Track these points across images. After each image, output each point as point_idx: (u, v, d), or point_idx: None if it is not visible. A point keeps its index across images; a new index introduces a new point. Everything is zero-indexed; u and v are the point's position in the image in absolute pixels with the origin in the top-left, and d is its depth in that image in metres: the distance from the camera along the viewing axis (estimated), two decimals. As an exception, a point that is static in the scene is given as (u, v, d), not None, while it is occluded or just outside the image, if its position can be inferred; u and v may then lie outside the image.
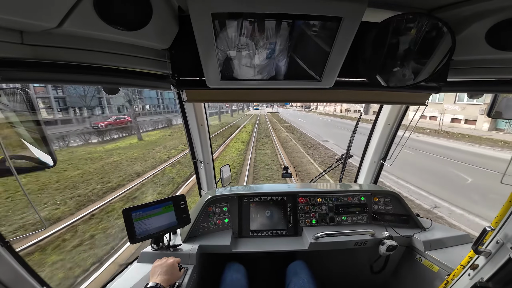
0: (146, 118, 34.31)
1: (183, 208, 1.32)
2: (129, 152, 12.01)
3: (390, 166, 1.86)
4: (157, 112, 46.23)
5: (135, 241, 1.15)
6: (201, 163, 1.90)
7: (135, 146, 14.09)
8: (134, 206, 1.16)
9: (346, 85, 0.95)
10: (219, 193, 1.59)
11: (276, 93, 1.00)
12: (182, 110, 1.61)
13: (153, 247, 1.31)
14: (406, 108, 1.67)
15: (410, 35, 0.70)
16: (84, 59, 0.68)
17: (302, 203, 1.60)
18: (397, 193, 1.62)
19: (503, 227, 0.84)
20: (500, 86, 0.97)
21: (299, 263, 1.40)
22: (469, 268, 0.94)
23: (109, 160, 10.40)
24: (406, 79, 0.79)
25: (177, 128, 23.56)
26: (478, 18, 0.63)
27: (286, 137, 16.07)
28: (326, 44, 0.71)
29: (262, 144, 13.36)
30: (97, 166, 9.32)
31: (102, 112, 33.61)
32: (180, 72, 0.86)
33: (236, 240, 1.48)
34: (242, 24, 0.66)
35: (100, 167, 9.23)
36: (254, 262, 1.77)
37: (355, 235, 1.41)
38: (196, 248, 1.32)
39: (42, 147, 0.77)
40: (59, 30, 0.55)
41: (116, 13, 0.55)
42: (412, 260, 1.49)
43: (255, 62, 0.77)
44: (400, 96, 1.10)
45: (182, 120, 1.68)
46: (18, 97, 0.69)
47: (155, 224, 1.22)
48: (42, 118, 0.75)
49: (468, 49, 0.73)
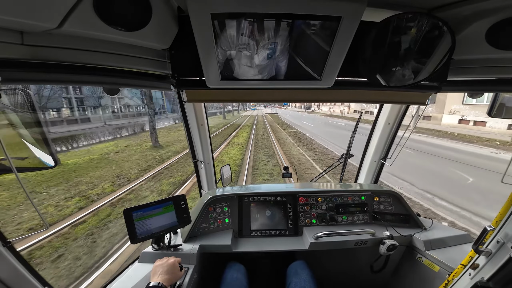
0: (118, 121, 28.50)
1: (184, 208, 1.33)
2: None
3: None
4: (140, 113, 40.18)
5: (136, 241, 1.15)
6: (201, 163, 1.90)
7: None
8: (135, 206, 1.17)
9: (346, 84, 0.95)
10: (219, 193, 1.59)
11: (276, 93, 1.01)
12: (182, 110, 1.61)
13: (154, 247, 1.31)
14: (406, 108, 1.67)
15: (410, 35, 0.70)
16: (84, 59, 0.68)
17: (303, 202, 1.60)
18: (398, 193, 1.61)
19: (504, 227, 0.84)
20: (500, 86, 0.97)
21: (299, 263, 1.40)
22: (470, 267, 0.94)
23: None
24: (406, 78, 0.79)
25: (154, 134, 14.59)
26: (478, 17, 0.63)
27: (299, 155, 9.41)
28: (326, 43, 0.71)
29: (262, 169, 7.69)
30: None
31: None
32: (180, 72, 0.86)
33: (237, 240, 1.49)
34: (241, 24, 0.66)
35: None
36: (255, 262, 1.77)
37: (355, 235, 1.41)
38: (196, 248, 1.32)
39: (43, 148, 0.77)
40: (59, 31, 0.55)
41: (116, 13, 0.55)
42: (412, 259, 1.48)
43: (254, 62, 0.77)
44: (400, 96, 1.10)
45: (183, 120, 1.68)
46: (19, 98, 0.69)
47: (156, 224, 1.22)
48: (42, 119, 0.75)
49: (468, 48, 0.73)
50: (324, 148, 10.88)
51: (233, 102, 1.56)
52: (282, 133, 17.11)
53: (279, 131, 18.36)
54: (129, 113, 40.13)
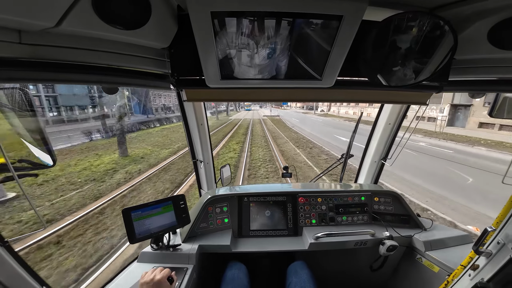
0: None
1: (183, 208, 1.32)
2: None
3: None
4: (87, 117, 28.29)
5: (134, 241, 1.14)
6: (201, 163, 1.90)
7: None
8: (134, 206, 1.16)
9: (347, 84, 0.94)
10: (219, 193, 1.59)
11: (276, 92, 1.00)
12: (182, 109, 1.61)
13: (153, 246, 1.31)
14: (407, 108, 1.66)
15: (412, 34, 0.69)
16: (83, 58, 0.67)
17: (302, 203, 1.60)
18: (397, 193, 1.61)
19: (504, 228, 0.84)
20: (502, 86, 0.96)
21: (299, 263, 1.40)
22: (470, 268, 0.93)
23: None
24: (407, 78, 0.78)
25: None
26: (480, 17, 0.63)
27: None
28: (327, 43, 0.70)
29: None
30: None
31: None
32: (180, 72, 0.86)
33: (236, 240, 1.48)
34: (242, 23, 0.65)
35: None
36: (254, 262, 1.77)
37: (355, 235, 1.40)
38: (195, 248, 1.32)
39: (41, 147, 0.77)
40: (58, 30, 0.55)
41: (114, 12, 0.55)
42: (412, 260, 1.48)
43: (255, 61, 0.77)
44: (401, 96, 1.09)
45: (182, 120, 1.67)
46: (17, 97, 0.68)
47: (155, 224, 1.22)
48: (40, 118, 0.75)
49: (470, 48, 0.73)
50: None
51: (233, 102, 1.55)
52: (306, 160, 9.40)
53: (297, 156, 10.33)
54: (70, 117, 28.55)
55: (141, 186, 7.39)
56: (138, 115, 34.26)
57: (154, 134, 19.65)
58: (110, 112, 24.91)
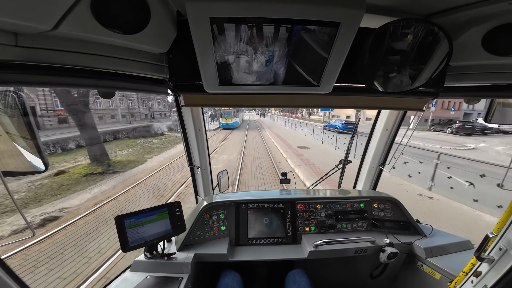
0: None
1: (179, 215, 1.29)
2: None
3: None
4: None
5: (127, 249, 1.10)
6: (198, 169, 1.87)
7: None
8: (127, 213, 1.13)
9: (344, 90, 0.95)
10: (215, 200, 1.56)
11: (274, 98, 1.00)
12: (180, 115, 1.60)
13: (147, 255, 1.26)
14: (404, 114, 1.68)
15: (407, 41, 0.71)
16: (80, 62, 0.67)
17: (301, 210, 1.57)
18: (396, 199, 1.60)
19: (506, 234, 0.83)
20: (497, 92, 0.98)
21: (298, 271, 1.36)
22: (472, 275, 0.92)
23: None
24: (404, 85, 0.79)
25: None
26: (474, 23, 0.64)
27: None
28: (324, 49, 0.71)
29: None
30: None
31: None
32: (178, 77, 0.86)
33: (233, 248, 1.44)
34: (240, 29, 0.66)
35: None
36: (252, 270, 1.72)
37: (355, 243, 1.38)
38: (191, 256, 1.28)
39: (34, 151, 0.75)
40: (55, 33, 0.54)
41: (113, 16, 0.55)
42: (413, 267, 1.46)
43: (253, 67, 0.77)
44: (398, 102, 1.10)
45: (180, 125, 1.66)
46: (10, 100, 0.67)
47: (149, 232, 1.18)
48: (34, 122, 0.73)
49: (464, 54, 0.74)
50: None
51: (231, 107, 1.55)
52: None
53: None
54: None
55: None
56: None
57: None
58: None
